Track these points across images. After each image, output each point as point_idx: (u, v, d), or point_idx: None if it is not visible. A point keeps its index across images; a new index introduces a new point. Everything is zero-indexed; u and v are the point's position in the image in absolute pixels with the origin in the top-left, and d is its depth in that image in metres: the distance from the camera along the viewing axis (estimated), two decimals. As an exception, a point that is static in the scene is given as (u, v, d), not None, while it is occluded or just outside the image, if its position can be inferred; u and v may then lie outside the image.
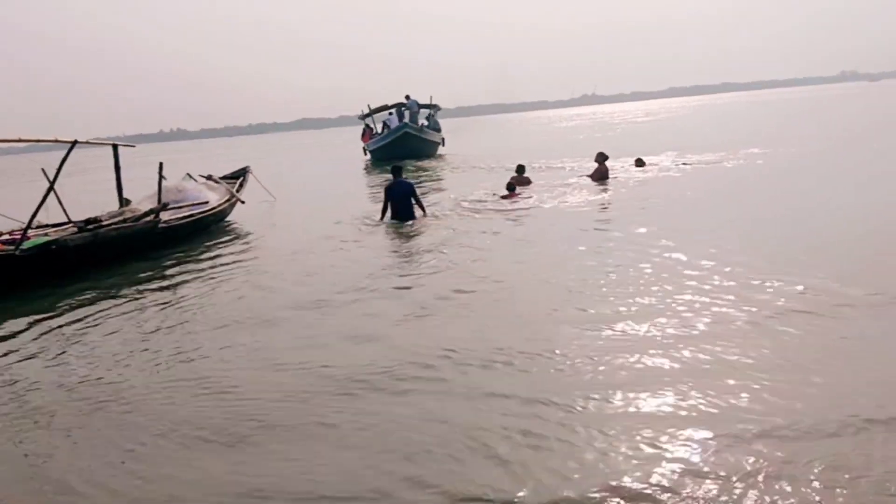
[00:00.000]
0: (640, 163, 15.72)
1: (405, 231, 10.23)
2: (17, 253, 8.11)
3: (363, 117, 32.18)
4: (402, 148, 26.60)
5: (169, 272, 8.85)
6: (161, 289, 7.96)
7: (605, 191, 12.70)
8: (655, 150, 19.96)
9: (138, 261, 9.43)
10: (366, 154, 30.35)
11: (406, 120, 28.60)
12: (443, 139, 31.56)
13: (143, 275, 8.71)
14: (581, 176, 14.73)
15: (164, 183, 11.88)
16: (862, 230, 8.10)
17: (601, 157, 13.87)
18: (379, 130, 30.23)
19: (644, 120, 54.70)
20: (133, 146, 12.59)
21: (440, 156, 29.46)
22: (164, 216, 10.74)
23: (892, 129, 23.85)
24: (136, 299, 7.46)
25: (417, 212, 10.96)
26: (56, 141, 9.31)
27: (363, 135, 31.90)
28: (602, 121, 61.66)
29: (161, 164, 10.50)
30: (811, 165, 15.10)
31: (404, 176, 11.48)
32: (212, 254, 9.92)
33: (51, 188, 8.96)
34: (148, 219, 10.16)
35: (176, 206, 11.48)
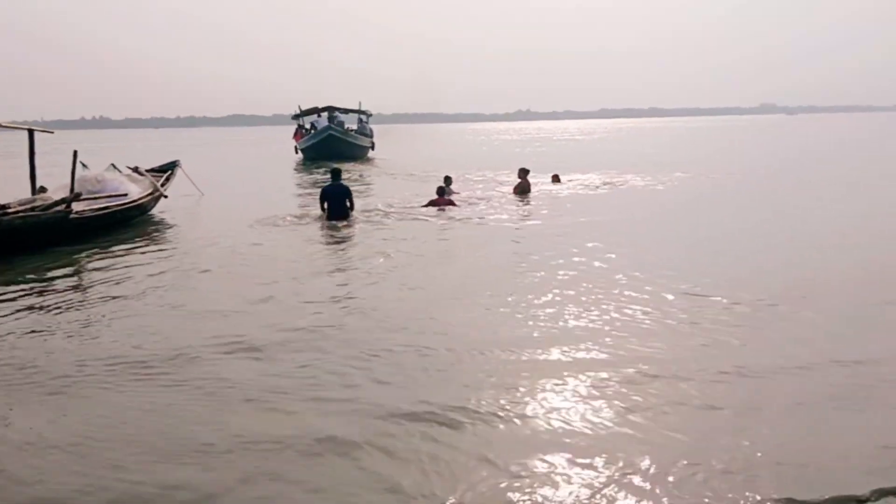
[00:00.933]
0: (556, 179, 16.28)
1: (332, 231, 10.58)
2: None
3: (295, 117, 33.89)
4: (326, 148, 28.74)
5: (76, 265, 8.51)
6: (65, 282, 7.65)
7: (525, 204, 13.21)
8: (589, 167, 21.17)
9: (47, 252, 8.96)
10: (297, 153, 31.68)
11: (332, 124, 30.64)
12: (373, 143, 33.56)
13: (48, 266, 8.31)
14: (504, 189, 15.15)
15: (85, 173, 11.54)
16: (751, 246, 8.83)
17: (523, 173, 14.32)
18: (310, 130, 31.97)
19: (581, 138, 56.19)
20: (51, 132, 12.15)
21: (370, 159, 30.80)
22: (79, 207, 10.27)
23: (811, 160, 25.79)
24: (38, 292, 7.14)
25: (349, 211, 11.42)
26: None
27: (295, 134, 33.35)
28: (539, 136, 62.98)
29: (76, 152, 10.07)
30: (725, 191, 15.93)
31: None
32: (125, 247, 9.58)
33: None
34: (58, 208, 9.66)
35: (93, 196, 11.00)
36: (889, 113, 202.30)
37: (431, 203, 12.43)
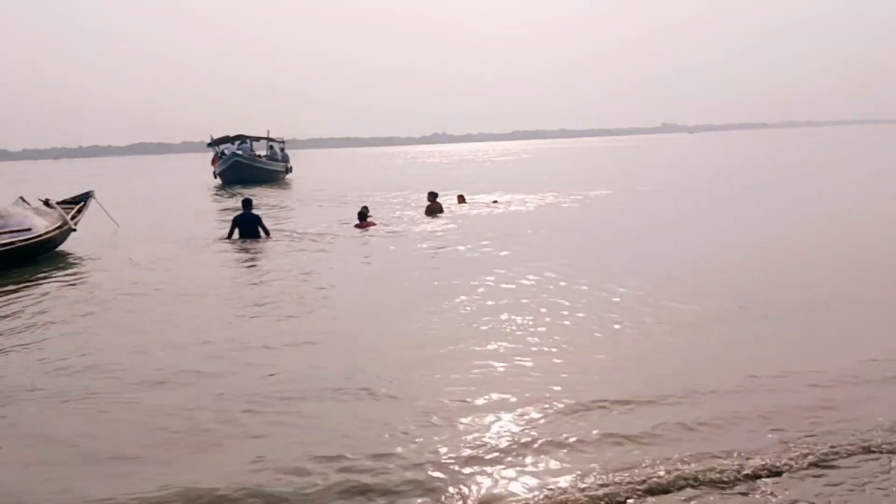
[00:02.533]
0: (461, 199, 17.13)
1: (248, 251, 11.43)
2: None
3: (210, 145, 36.59)
4: (235, 172, 32.02)
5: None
6: None
7: (432, 223, 14.04)
8: (506, 188, 22.21)
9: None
10: (215, 177, 34.01)
11: (238, 150, 33.61)
12: (288, 168, 37.14)
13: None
14: (415, 210, 16.01)
15: None
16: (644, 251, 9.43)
17: (432, 196, 15.33)
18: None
19: (501, 160, 57.61)
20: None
21: (287, 182, 34.10)
22: (-25, 243, 9.78)
23: (711, 174, 28.19)
24: None
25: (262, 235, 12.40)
26: None
27: (213, 160, 35.72)
28: (463, 159, 63.95)
29: None
30: (629, 204, 16.82)
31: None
32: (26, 284, 9.14)
33: None
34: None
35: (-3, 231, 10.49)
36: (778, 129, 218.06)
37: (357, 226, 13.43)
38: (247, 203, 12.82)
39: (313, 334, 6.37)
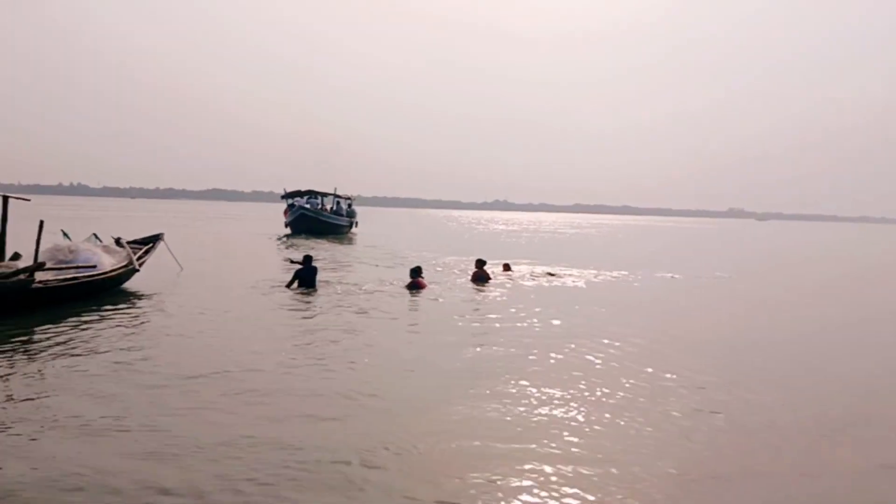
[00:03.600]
0: (506, 267, 17.26)
1: (304, 302, 11.77)
2: None
3: (283, 197, 39.64)
4: (302, 224, 35.46)
5: (33, 335, 8.29)
6: (18, 347, 7.53)
7: (479, 291, 14.00)
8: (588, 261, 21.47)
9: (5, 321, 8.75)
10: (286, 227, 37.17)
11: (306, 204, 37.30)
12: (353, 223, 40.55)
13: (3, 332, 8.09)
14: (465, 277, 15.99)
15: (59, 242, 11.57)
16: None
17: (479, 263, 15.46)
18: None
19: (570, 232, 57.39)
20: (28, 199, 11.91)
21: (351, 236, 36.63)
22: (45, 276, 10.08)
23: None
24: None
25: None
26: None
27: (285, 211, 38.49)
28: (529, 228, 64.12)
29: (42, 222, 9.95)
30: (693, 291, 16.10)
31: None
32: (86, 317, 9.44)
33: None
34: (20, 277, 9.43)
35: (62, 266, 10.82)
36: (854, 224, 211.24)
37: (409, 285, 13.68)
38: (308, 259, 13.83)
39: (349, 395, 6.19)
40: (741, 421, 5.95)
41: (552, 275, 17.28)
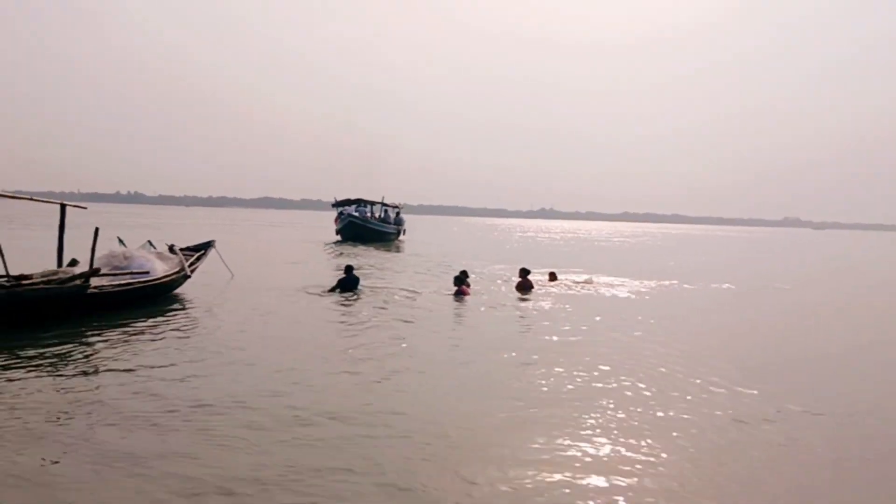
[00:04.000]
0: (552, 276, 17.05)
1: (347, 307, 11.98)
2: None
3: (334, 206, 41.45)
4: (350, 231, 37.21)
5: (88, 339, 8.51)
6: (74, 350, 7.74)
7: (523, 301, 13.78)
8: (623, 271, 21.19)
9: (63, 324, 9.03)
10: (336, 234, 38.69)
11: (354, 212, 39.10)
12: (399, 230, 41.83)
13: (57, 338, 8.32)
14: (508, 285, 15.91)
15: (114, 249, 11.89)
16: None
17: (523, 273, 15.38)
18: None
19: (619, 241, 56.62)
20: (84, 207, 12.25)
21: (398, 244, 37.39)
22: (100, 281, 10.36)
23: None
24: (45, 362, 7.11)
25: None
26: None
27: (336, 218, 40.33)
28: (579, 237, 63.49)
29: (97, 229, 10.21)
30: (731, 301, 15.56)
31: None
32: (140, 322, 9.68)
33: None
34: (76, 282, 9.71)
35: (119, 272, 11.11)
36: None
37: (454, 292, 13.74)
38: (349, 269, 14.35)
39: (391, 403, 6.10)
40: (802, 437, 5.67)
41: (589, 283, 17.13)
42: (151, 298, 11.44)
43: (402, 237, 41.52)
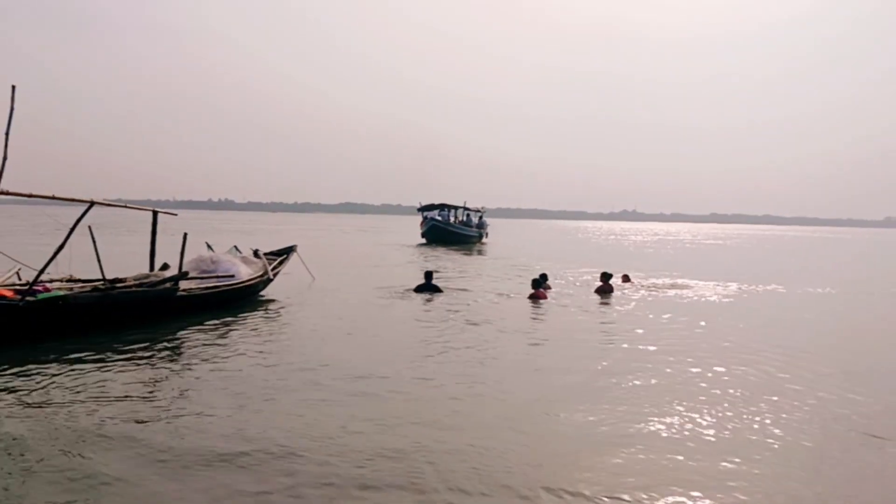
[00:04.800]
0: (625, 278, 17.15)
1: (425, 309, 12.17)
2: (20, 304, 8.06)
3: (419, 210, 43.56)
4: (433, 234, 39.57)
5: (177, 339, 8.85)
6: (164, 350, 8.10)
7: (605, 304, 13.65)
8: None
9: (154, 325, 9.42)
10: (422, 237, 40.72)
11: (437, 216, 41.31)
12: (482, 233, 43.91)
13: (149, 338, 8.67)
14: (588, 288, 15.80)
15: (203, 253, 12.41)
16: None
17: (605, 277, 15.36)
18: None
19: (709, 243, 54.75)
20: (175, 213, 12.77)
21: (481, 246, 38.69)
22: (189, 285, 10.74)
23: None
24: (136, 360, 7.40)
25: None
26: (73, 200, 9.33)
27: (421, 222, 42.12)
28: (664, 238, 61.75)
29: (185, 235, 10.56)
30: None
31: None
32: (224, 324, 10.01)
33: (62, 246, 8.84)
34: (166, 285, 10.11)
35: (206, 276, 11.50)
36: None
37: (531, 295, 13.62)
38: (428, 275, 14.53)
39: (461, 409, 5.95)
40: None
41: (670, 286, 16.81)
42: (236, 301, 11.77)
43: (484, 240, 43.14)
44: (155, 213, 11.35)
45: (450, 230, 40.66)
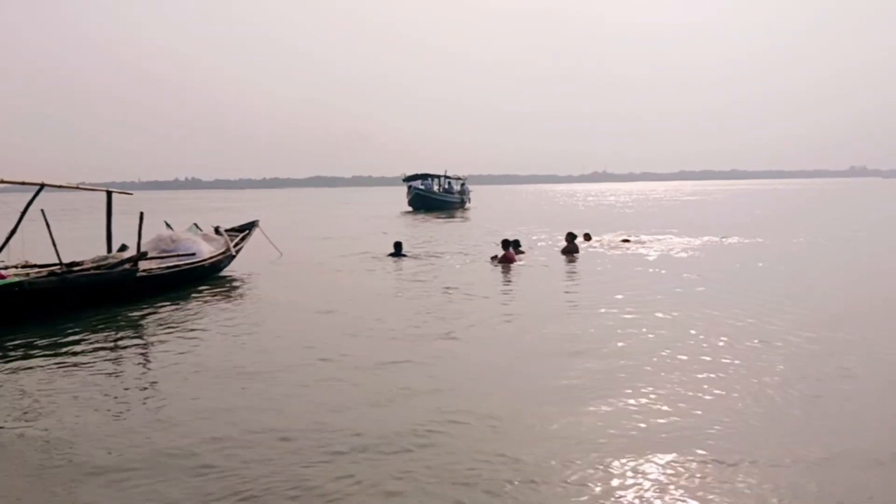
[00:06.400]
0: (586, 237, 17.45)
1: (399, 279, 12.32)
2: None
3: (404, 181, 46.36)
4: (417, 202, 42.24)
5: (139, 321, 8.68)
6: (126, 334, 7.88)
7: (570, 262, 14.14)
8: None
9: (115, 307, 9.23)
10: (409, 205, 43.25)
11: (421, 185, 44.23)
12: (464, 199, 46.89)
13: (109, 322, 8.53)
14: (554, 250, 16.03)
15: (162, 233, 12.10)
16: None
17: (570, 237, 15.65)
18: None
19: (685, 199, 55.38)
20: (130, 194, 12.35)
21: (462, 212, 40.38)
22: (149, 265, 10.56)
23: None
24: (96, 347, 7.27)
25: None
26: (23, 183, 9.07)
27: (408, 192, 44.53)
28: (636, 198, 62.33)
29: (142, 214, 10.28)
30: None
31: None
32: (186, 303, 9.88)
33: (14, 231, 8.64)
34: (125, 267, 9.91)
35: (166, 255, 11.32)
36: None
37: (501, 258, 13.70)
38: (397, 246, 15.12)
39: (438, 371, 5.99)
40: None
41: (627, 241, 17.47)
42: (199, 279, 11.62)
43: (467, 205, 46.10)
44: (109, 194, 11.11)
45: (433, 198, 43.36)
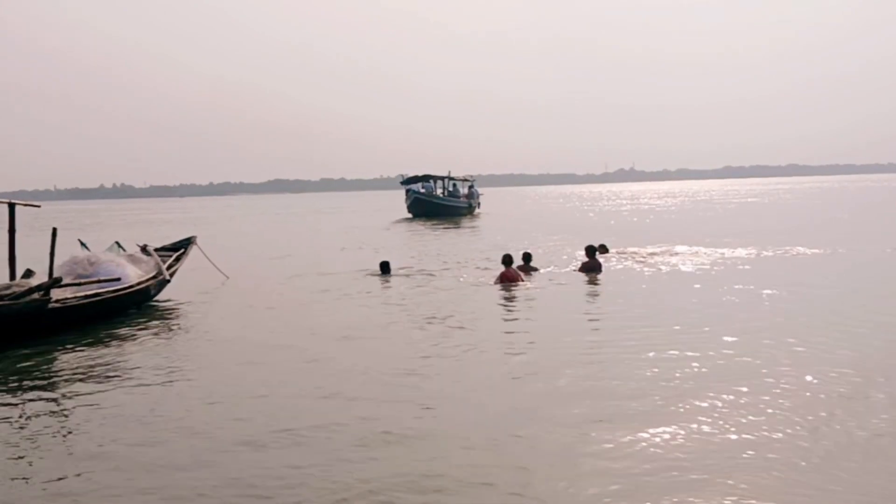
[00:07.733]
0: (603, 249, 17.65)
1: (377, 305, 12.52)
2: None
3: (402, 183, 48.18)
4: (416, 208, 44.37)
5: (51, 364, 8.64)
6: (34, 380, 7.84)
7: (591, 283, 14.10)
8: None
9: (19, 347, 9.18)
10: (408, 211, 45.34)
11: (421, 189, 45.97)
12: (472, 204, 48.31)
13: (13, 365, 8.50)
14: (573, 267, 16.04)
15: (78, 254, 12.05)
16: None
17: (590, 251, 15.67)
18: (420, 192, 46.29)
19: (738, 202, 55.49)
20: (38, 205, 12.36)
21: (471, 218, 43.29)
22: (63, 294, 10.55)
23: None
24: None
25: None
26: None
27: (406, 197, 46.61)
28: (676, 200, 62.45)
29: (55, 230, 10.33)
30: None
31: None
32: (112, 342, 9.80)
33: None
34: (34, 296, 9.88)
35: (82, 282, 11.17)
36: None
37: (501, 277, 13.70)
38: (384, 266, 15.77)
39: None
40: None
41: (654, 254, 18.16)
42: (125, 309, 11.68)
43: (476, 211, 48.14)
44: (11, 206, 11.05)
45: (435, 203, 45.23)
